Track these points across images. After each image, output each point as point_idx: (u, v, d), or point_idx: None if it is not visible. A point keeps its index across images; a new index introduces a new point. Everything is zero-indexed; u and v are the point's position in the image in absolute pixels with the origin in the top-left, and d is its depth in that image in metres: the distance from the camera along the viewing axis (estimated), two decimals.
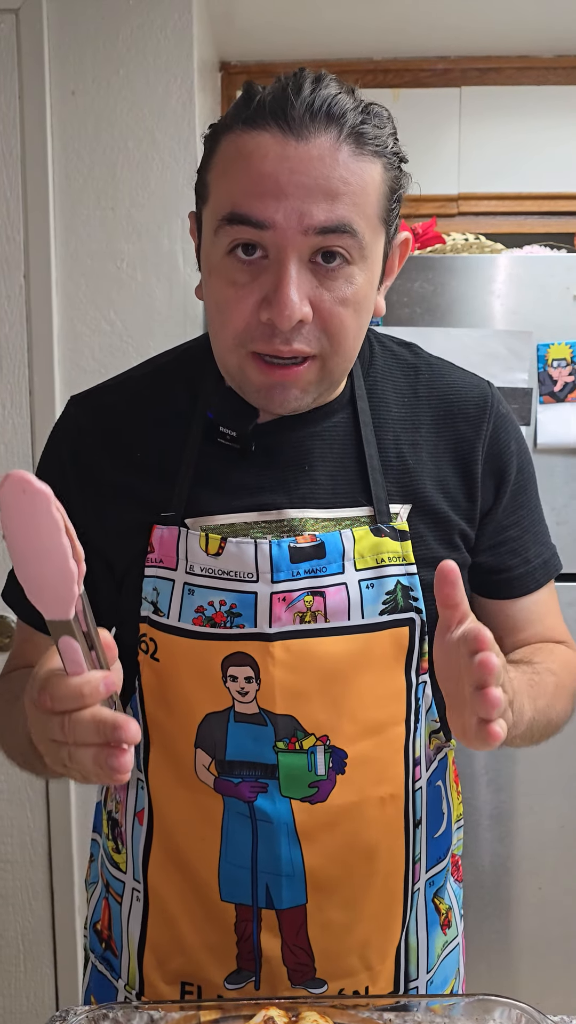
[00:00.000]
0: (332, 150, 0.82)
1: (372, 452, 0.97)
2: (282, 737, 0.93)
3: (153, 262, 1.92)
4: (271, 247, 0.84)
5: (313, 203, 0.82)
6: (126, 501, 0.98)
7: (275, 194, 0.82)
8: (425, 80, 2.49)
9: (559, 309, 1.92)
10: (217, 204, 0.86)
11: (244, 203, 0.83)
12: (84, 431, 1.01)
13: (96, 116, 1.89)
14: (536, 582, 1.07)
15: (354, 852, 0.96)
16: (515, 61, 2.46)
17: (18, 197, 1.89)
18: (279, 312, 0.83)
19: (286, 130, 0.82)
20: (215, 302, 0.89)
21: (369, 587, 0.93)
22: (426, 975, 1.03)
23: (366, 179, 0.84)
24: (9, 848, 2.04)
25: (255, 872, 0.95)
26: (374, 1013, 0.86)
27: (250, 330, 0.87)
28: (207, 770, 0.96)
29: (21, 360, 1.93)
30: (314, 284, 0.85)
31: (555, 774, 2.01)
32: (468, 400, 1.01)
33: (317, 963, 0.97)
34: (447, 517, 0.99)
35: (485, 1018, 0.84)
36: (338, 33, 2.32)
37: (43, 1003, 2.09)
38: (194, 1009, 0.86)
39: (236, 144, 0.85)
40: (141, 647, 0.97)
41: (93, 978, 1.11)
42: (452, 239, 2.13)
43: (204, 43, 2.05)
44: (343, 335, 0.88)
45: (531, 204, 2.51)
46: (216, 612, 0.93)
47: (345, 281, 0.86)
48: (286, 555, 0.92)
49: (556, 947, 2.07)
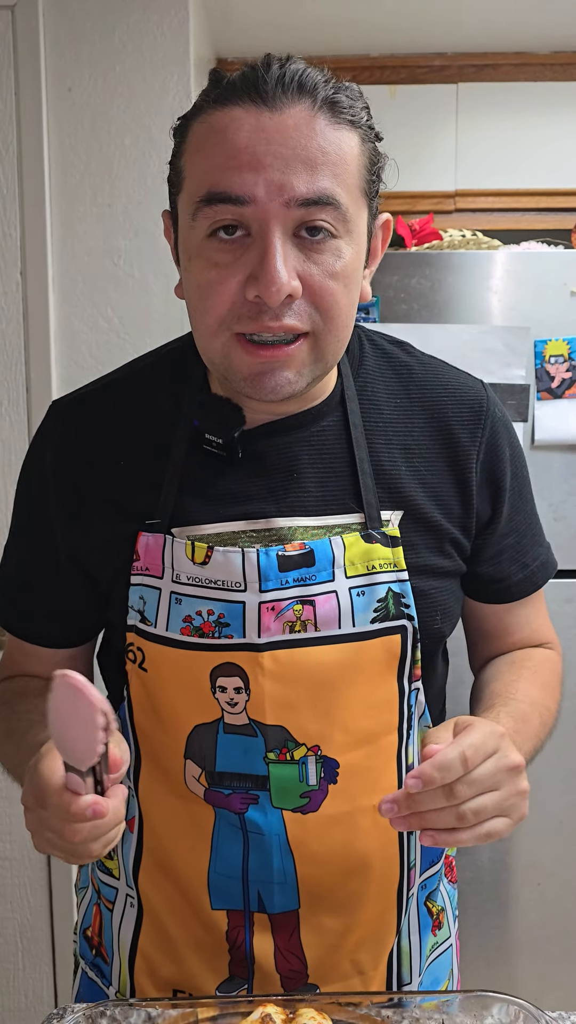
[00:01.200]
0: (308, 119, 0.80)
1: (363, 456, 0.94)
2: (272, 748, 0.91)
3: (150, 259, 1.92)
4: (253, 222, 0.80)
5: (293, 174, 0.79)
6: (111, 511, 0.95)
7: (253, 166, 0.79)
8: (422, 76, 2.49)
9: (556, 305, 1.92)
10: (193, 186, 0.83)
11: (222, 179, 0.80)
12: (65, 441, 0.97)
13: (93, 113, 1.89)
14: (534, 585, 1.06)
15: (347, 861, 0.94)
16: (512, 57, 2.46)
17: (14, 194, 1.89)
18: (266, 286, 0.79)
19: (259, 102, 0.79)
20: (196, 286, 0.84)
21: (360, 595, 0.91)
22: (418, 978, 1.02)
23: (344, 148, 0.82)
24: (7, 846, 2.04)
25: (246, 880, 0.94)
26: (372, 1010, 0.85)
27: (236, 310, 0.82)
28: (197, 781, 0.94)
29: (18, 357, 1.93)
30: (301, 258, 0.82)
31: (553, 771, 2.01)
32: (463, 403, 0.98)
33: (310, 969, 0.96)
34: (439, 524, 0.96)
35: (483, 1014, 0.84)
36: (334, 29, 2.32)
37: (41, 1000, 2.09)
38: (190, 1006, 0.86)
39: (208, 122, 0.82)
40: (129, 656, 0.95)
41: (83, 984, 1.09)
42: (449, 235, 2.13)
43: (200, 39, 2.05)
44: (335, 310, 0.84)
45: (528, 200, 2.51)
46: (204, 622, 0.91)
47: (333, 254, 0.83)
48: (274, 564, 0.90)
49: (554, 943, 2.07)
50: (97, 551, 0.96)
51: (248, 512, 0.92)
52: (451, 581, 0.99)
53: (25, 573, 1.03)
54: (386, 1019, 0.85)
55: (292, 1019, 0.82)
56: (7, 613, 1.05)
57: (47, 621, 1.02)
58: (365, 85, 2.53)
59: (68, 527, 0.97)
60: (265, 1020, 0.81)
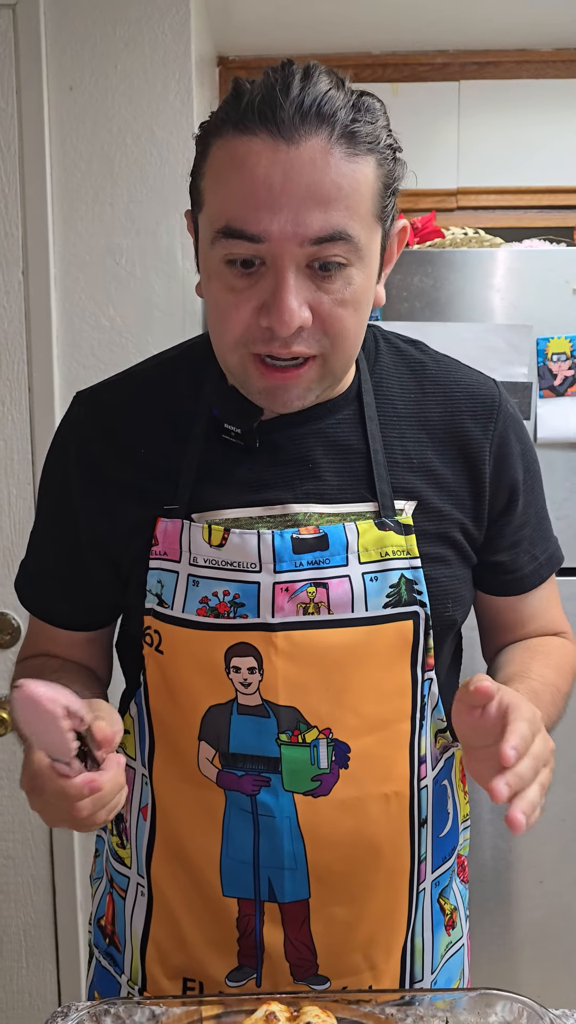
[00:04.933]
0: (324, 153, 0.82)
1: (377, 447, 0.97)
2: (285, 729, 0.93)
3: (152, 258, 1.92)
4: (267, 256, 0.84)
5: (307, 212, 0.82)
6: (132, 497, 0.98)
7: (269, 205, 0.82)
8: (424, 74, 2.48)
9: (559, 303, 1.92)
10: (212, 213, 0.86)
11: (238, 216, 0.83)
12: (89, 430, 1.01)
13: (94, 111, 1.89)
14: (542, 577, 1.08)
15: (357, 848, 0.96)
16: (514, 55, 2.45)
17: (16, 193, 1.89)
18: (278, 319, 0.84)
19: (276, 135, 0.81)
20: (215, 305, 0.89)
21: (373, 580, 0.93)
22: (431, 975, 1.03)
23: (359, 179, 0.84)
24: (11, 844, 2.05)
25: (257, 866, 0.96)
26: (376, 1008, 0.86)
27: (250, 333, 0.87)
28: (210, 763, 0.96)
29: (20, 357, 1.93)
30: (312, 288, 0.85)
31: (556, 767, 2.01)
32: (476, 398, 1.01)
33: (320, 959, 0.97)
34: (452, 516, 0.99)
35: (487, 1012, 0.84)
36: (336, 27, 2.31)
37: (45, 999, 2.10)
38: (196, 1004, 0.86)
39: (227, 150, 0.84)
40: (146, 640, 0.98)
41: (97, 973, 1.11)
42: (451, 233, 2.12)
43: (202, 37, 2.05)
44: (343, 335, 0.88)
45: (530, 198, 2.50)
46: (220, 603, 0.93)
47: (343, 283, 0.86)
48: (288, 546, 0.93)
49: (557, 940, 2.07)
50: (119, 536, 0.99)
51: (265, 499, 0.95)
52: (462, 569, 1.01)
53: (49, 557, 1.07)
54: (390, 1017, 0.85)
55: (296, 1017, 0.83)
56: (30, 595, 1.09)
57: (68, 604, 1.06)
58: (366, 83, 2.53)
59: (91, 512, 1.00)
60: (269, 1018, 0.82)
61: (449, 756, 1.05)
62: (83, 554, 1.02)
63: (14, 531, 1.95)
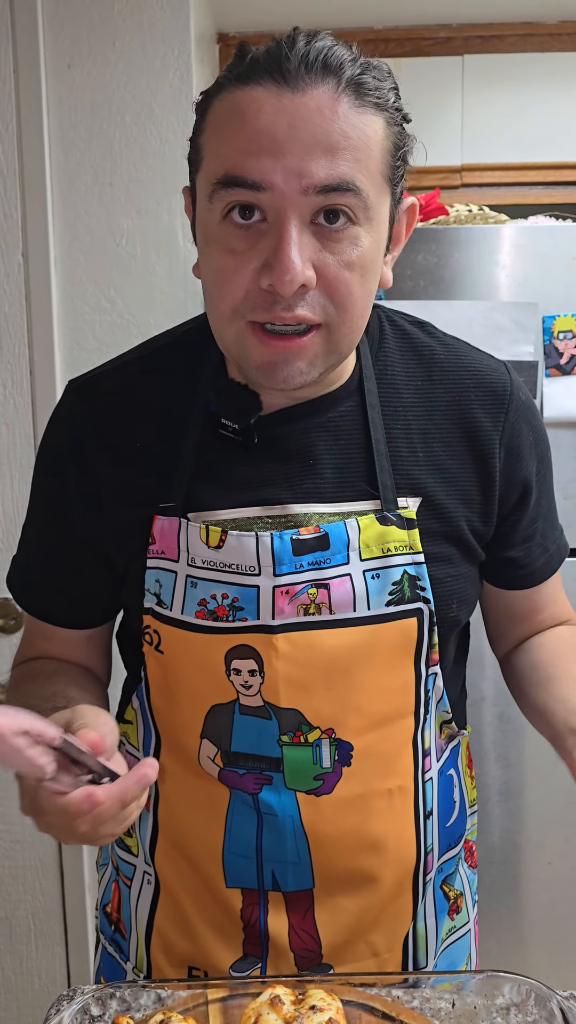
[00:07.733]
0: (331, 101, 0.78)
1: (379, 438, 0.93)
2: (286, 731, 0.91)
3: (153, 238, 1.90)
4: (269, 209, 0.79)
5: (312, 160, 0.77)
6: (127, 494, 0.95)
7: (272, 151, 0.77)
8: (427, 49, 2.45)
9: (565, 280, 1.89)
10: (211, 167, 0.82)
11: (239, 163, 0.78)
12: (82, 423, 0.97)
13: (92, 90, 1.86)
14: (552, 569, 1.06)
15: (361, 844, 0.94)
16: (518, 28, 2.41)
17: (15, 174, 1.87)
18: (280, 276, 0.78)
19: (281, 83, 0.77)
20: (212, 271, 0.84)
21: (375, 577, 0.90)
22: (433, 960, 1.02)
23: (368, 132, 0.80)
24: (19, 828, 2.05)
25: (260, 860, 0.94)
26: (382, 990, 0.85)
27: (250, 298, 0.82)
28: (212, 761, 0.94)
29: (21, 340, 1.91)
30: (317, 247, 0.80)
31: None
32: (485, 386, 0.96)
33: (324, 949, 0.96)
34: (458, 512, 0.95)
35: (495, 994, 0.84)
36: (337, 1, 2.28)
37: (55, 981, 2.11)
38: (201, 987, 0.86)
39: (229, 101, 0.81)
40: (145, 639, 0.95)
41: (103, 959, 1.11)
42: (456, 210, 2.10)
43: (201, 14, 2.02)
44: (350, 302, 0.83)
45: (536, 174, 2.47)
46: (218, 606, 0.90)
47: (350, 243, 0.81)
48: (288, 548, 0.89)
49: (565, 922, 2.07)
50: (114, 534, 0.96)
51: (263, 498, 0.92)
52: (469, 568, 0.98)
53: (43, 555, 1.03)
54: (396, 999, 0.85)
55: (302, 1000, 0.82)
56: (25, 594, 1.06)
57: (64, 602, 1.03)
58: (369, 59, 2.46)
59: (85, 509, 0.97)
60: (274, 1001, 0.81)
61: (455, 745, 1.03)
62: (78, 551, 0.99)
63: (17, 515, 1.95)
